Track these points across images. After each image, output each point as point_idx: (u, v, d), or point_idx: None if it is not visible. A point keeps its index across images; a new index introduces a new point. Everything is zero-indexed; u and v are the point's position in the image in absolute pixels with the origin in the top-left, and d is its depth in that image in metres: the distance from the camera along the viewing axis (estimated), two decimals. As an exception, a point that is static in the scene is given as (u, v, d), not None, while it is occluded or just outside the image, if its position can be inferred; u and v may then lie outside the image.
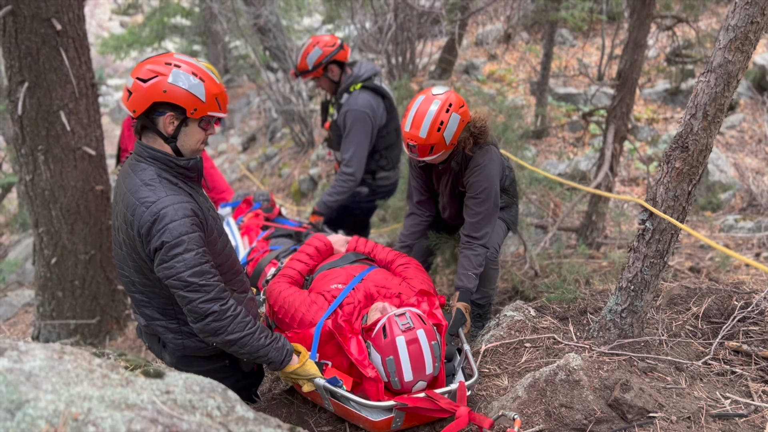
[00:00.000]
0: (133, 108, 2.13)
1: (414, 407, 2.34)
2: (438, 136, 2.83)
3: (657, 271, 2.49)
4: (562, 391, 2.21)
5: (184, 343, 2.41)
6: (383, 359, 2.41)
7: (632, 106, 4.07)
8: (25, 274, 8.63)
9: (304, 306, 2.69)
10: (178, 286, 2.13)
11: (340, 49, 3.89)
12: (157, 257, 2.12)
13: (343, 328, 2.54)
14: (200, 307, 2.15)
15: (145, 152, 2.20)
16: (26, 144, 3.96)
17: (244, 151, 14.17)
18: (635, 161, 7.52)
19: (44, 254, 4.31)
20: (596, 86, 9.09)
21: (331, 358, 2.59)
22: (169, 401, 1.16)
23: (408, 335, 2.38)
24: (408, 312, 2.48)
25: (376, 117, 3.88)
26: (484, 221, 3.08)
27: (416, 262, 3.18)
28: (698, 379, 2.36)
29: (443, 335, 2.68)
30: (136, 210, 2.12)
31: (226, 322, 2.20)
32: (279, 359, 2.37)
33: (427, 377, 2.43)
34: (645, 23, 3.82)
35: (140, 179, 2.17)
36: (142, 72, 2.12)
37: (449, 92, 2.92)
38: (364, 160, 3.89)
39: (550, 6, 7.61)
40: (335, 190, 3.94)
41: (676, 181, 2.30)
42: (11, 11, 3.59)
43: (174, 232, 2.09)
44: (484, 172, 3.01)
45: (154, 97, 2.11)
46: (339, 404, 2.48)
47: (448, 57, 10.89)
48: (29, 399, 1.03)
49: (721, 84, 2.09)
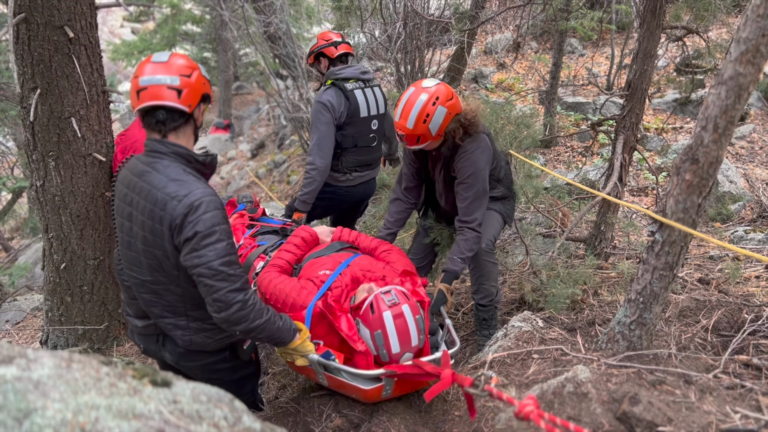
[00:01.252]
0: (188, 103, 2.23)
1: (402, 373, 2.53)
2: (424, 127, 3.00)
3: (666, 284, 2.47)
4: (570, 403, 2.19)
5: (192, 339, 2.48)
6: (372, 334, 2.60)
7: (642, 117, 4.05)
8: (34, 279, 8.68)
9: (295, 291, 2.85)
10: (207, 275, 2.18)
11: (331, 45, 4.25)
12: (187, 247, 2.17)
13: (333, 307, 2.72)
14: (227, 296, 2.22)
15: (168, 149, 2.26)
16: (37, 150, 3.98)
17: (253, 158, 14.23)
18: (644, 171, 7.49)
19: (54, 259, 4.33)
20: (605, 96, 9.06)
21: (322, 338, 2.76)
22: (176, 411, 1.16)
23: (394, 310, 2.59)
24: (393, 289, 2.70)
25: (335, 110, 4.02)
26: (473, 205, 3.20)
27: (398, 249, 3.37)
28: (708, 392, 2.33)
29: (426, 310, 2.88)
30: (168, 204, 2.16)
31: (248, 311, 2.28)
32: (289, 339, 2.53)
33: (413, 349, 2.63)
34: (655, 34, 3.81)
35: (166, 175, 2.22)
36: (176, 69, 2.21)
37: (439, 85, 3.06)
38: (326, 149, 4.03)
39: (559, 16, 7.60)
40: (303, 184, 4.13)
41: (686, 194, 2.28)
42: (24, 18, 3.62)
43: (207, 223, 2.16)
44: (471, 158, 3.14)
45: (203, 89, 2.29)
46: (332, 377, 2.67)
47: (457, 66, 10.90)
48: (37, 407, 1.03)
49: (732, 96, 2.08)
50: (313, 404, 2.91)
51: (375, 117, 4.27)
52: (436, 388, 2.38)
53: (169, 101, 2.20)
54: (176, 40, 17.73)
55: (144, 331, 2.59)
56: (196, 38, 18.45)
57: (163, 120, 2.24)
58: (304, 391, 3.23)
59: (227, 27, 13.63)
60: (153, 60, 2.27)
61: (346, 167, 4.27)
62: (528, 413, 1.90)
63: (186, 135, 2.34)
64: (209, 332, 2.49)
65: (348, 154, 4.23)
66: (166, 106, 2.21)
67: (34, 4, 3.60)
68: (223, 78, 17.33)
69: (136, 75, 2.24)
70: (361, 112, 4.16)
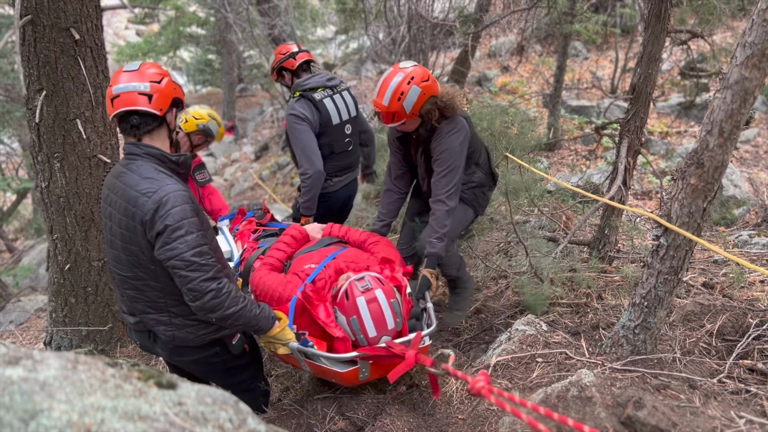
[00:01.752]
0: (159, 107, 2.37)
1: (373, 355, 2.63)
2: (398, 105, 3.14)
3: (671, 288, 2.47)
4: (574, 407, 2.19)
5: (174, 334, 2.55)
6: (348, 320, 2.70)
7: (646, 120, 4.04)
8: (38, 280, 8.70)
9: (281, 286, 2.96)
10: (180, 266, 2.29)
11: (290, 57, 4.33)
12: (159, 241, 2.28)
13: (311, 297, 2.80)
14: (200, 285, 2.32)
15: (141, 150, 2.40)
16: (43, 151, 4.00)
17: (256, 160, 14.24)
18: (648, 175, 7.48)
19: (58, 260, 4.34)
20: (609, 99, 9.06)
21: (306, 328, 2.84)
22: (181, 413, 1.16)
23: (367, 295, 2.69)
24: (367, 276, 2.79)
25: (311, 120, 4.08)
26: (444, 179, 3.29)
27: (386, 239, 3.52)
28: (712, 397, 2.33)
29: (404, 294, 2.97)
30: (138, 201, 2.29)
31: (222, 299, 2.37)
32: (267, 326, 2.64)
33: (390, 332, 2.72)
34: (660, 37, 3.80)
35: (138, 174, 2.35)
36: (147, 76, 2.37)
37: (416, 67, 3.20)
38: (313, 154, 4.07)
39: (563, 19, 7.60)
40: (302, 193, 4.20)
41: (691, 198, 2.28)
42: (31, 20, 3.64)
43: (176, 216, 2.27)
44: (447, 138, 3.26)
45: (173, 93, 2.43)
46: (313, 363, 2.76)
47: (461, 69, 10.91)
48: (43, 409, 1.03)
49: (737, 101, 2.08)
50: (316, 407, 2.91)
51: (347, 122, 4.33)
52: (400, 368, 2.52)
53: (141, 106, 2.34)
54: (181, 42, 17.78)
55: (136, 328, 2.68)
56: (201, 40, 18.50)
57: (137, 124, 2.38)
58: (308, 394, 3.23)
59: (232, 29, 13.67)
60: (125, 69, 2.41)
61: (327, 174, 4.31)
62: (479, 389, 2.04)
63: (160, 137, 2.46)
64: (192, 328, 2.55)
65: (327, 162, 4.26)
66: (138, 110, 2.35)
67: (41, 6, 3.61)
68: (227, 80, 17.36)
69: (111, 84, 2.39)
70: (333, 120, 4.22)
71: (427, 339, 2.93)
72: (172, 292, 2.46)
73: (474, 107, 5.36)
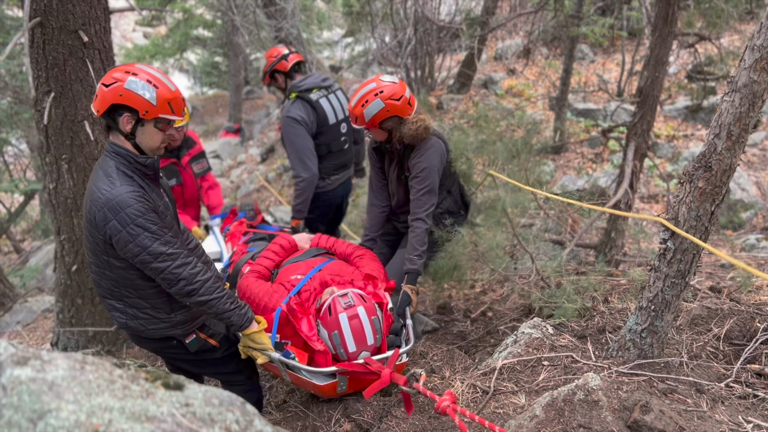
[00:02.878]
0: (96, 108, 2.43)
1: (351, 371, 2.71)
2: (360, 110, 3.32)
3: (678, 292, 2.46)
4: (580, 411, 2.18)
5: (127, 323, 2.66)
6: (329, 335, 2.78)
7: (653, 123, 4.03)
8: (45, 280, 8.73)
9: (267, 295, 3.04)
10: (148, 260, 2.41)
11: (281, 59, 4.41)
12: (121, 239, 2.38)
13: (296, 310, 2.91)
14: (172, 273, 2.45)
15: (111, 148, 2.49)
16: (51, 153, 4.02)
17: (262, 162, 14.27)
18: (655, 178, 7.45)
19: (65, 261, 4.36)
20: (616, 102, 9.03)
21: (289, 338, 2.94)
22: (188, 414, 1.16)
23: (349, 312, 2.77)
24: (350, 292, 2.87)
25: (307, 122, 4.15)
26: (423, 198, 3.42)
27: (371, 253, 3.60)
28: (720, 402, 2.31)
29: (385, 311, 3.07)
30: (93, 196, 2.41)
31: (197, 286, 2.50)
32: (239, 323, 2.70)
33: (370, 348, 2.82)
34: (667, 41, 3.79)
35: (102, 171, 2.46)
36: (106, 78, 2.42)
37: (392, 84, 3.33)
38: (308, 159, 4.16)
39: (570, 22, 7.59)
40: (294, 196, 4.31)
41: (699, 201, 2.27)
42: (40, 23, 3.66)
43: (130, 216, 2.37)
44: (425, 155, 3.39)
45: (112, 99, 2.40)
46: (293, 374, 2.83)
47: (467, 71, 10.91)
48: (51, 409, 1.04)
49: (746, 104, 2.07)
50: (322, 408, 2.91)
51: (342, 121, 4.42)
52: (375, 385, 2.60)
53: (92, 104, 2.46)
54: (188, 45, 17.85)
55: None
56: (208, 43, 18.58)
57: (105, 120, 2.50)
58: (313, 396, 3.23)
59: (238, 32, 13.72)
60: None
61: (325, 173, 4.42)
62: (444, 408, 2.14)
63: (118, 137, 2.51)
64: (143, 320, 2.65)
65: (324, 161, 4.37)
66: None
67: (50, 9, 3.63)
68: (234, 82, 17.41)
69: None
70: (330, 120, 4.30)
71: (404, 356, 2.98)
72: (125, 285, 2.57)
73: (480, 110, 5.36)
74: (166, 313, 2.67)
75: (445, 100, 10.64)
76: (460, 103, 10.65)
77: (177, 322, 2.71)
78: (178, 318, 2.70)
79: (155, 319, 2.65)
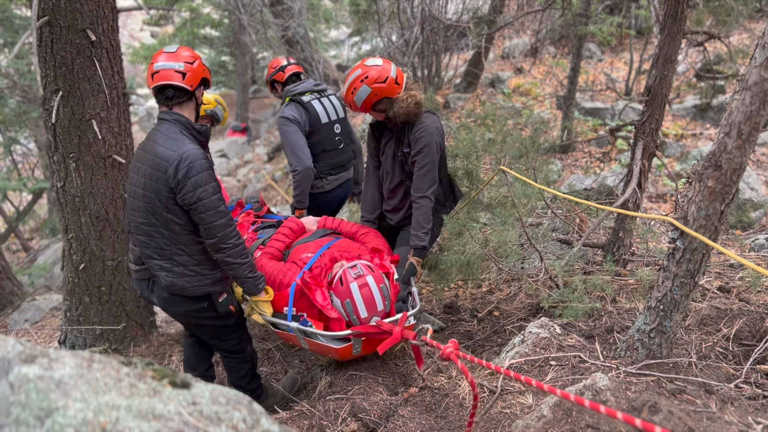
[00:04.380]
0: (190, 83, 2.86)
1: (365, 332, 3.00)
2: (351, 97, 3.50)
3: (687, 291, 2.44)
4: (588, 411, 2.17)
5: (173, 281, 2.95)
6: (342, 303, 3.05)
7: (661, 123, 4.00)
8: (53, 279, 8.78)
9: (281, 273, 3.29)
10: (201, 209, 2.76)
11: (279, 70, 4.74)
12: (183, 189, 2.72)
13: (309, 283, 3.17)
14: (218, 227, 2.82)
15: (171, 117, 2.87)
16: (58, 151, 4.03)
17: (269, 161, 14.28)
18: (663, 177, 7.42)
19: (73, 260, 4.37)
20: (624, 101, 8.99)
21: (305, 310, 3.20)
22: (195, 412, 1.16)
23: (359, 281, 3.03)
24: (359, 263, 3.14)
25: (299, 121, 4.40)
26: (427, 176, 3.54)
27: (375, 230, 3.87)
28: (729, 402, 2.29)
29: (392, 280, 3.33)
30: (164, 154, 2.74)
31: (229, 245, 2.88)
32: (251, 290, 3.13)
33: (380, 313, 3.09)
34: (676, 39, 3.76)
35: (165, 134, 2.82)
36: (182, 57, 2.86)
37: (375, 67, 3.45)
38: (301, 152, 4.34)
39: (578, 20, 7.56)
40: (293, 188, 4.49)
41: (708, 200, 2.25)
42: (48, 22, 3.67)
43: (197, 168, 2.72)
44: (426, 130, 3.49)
45: (202, 73, 2.94)
46: (311, 341, 3.13)
47: (474, 70, 10.89)
48: (58, 407, 1.04)
49: (756, 102, 2.05)
50: (329, 407, 2.91)
51: (336, 121, 4.64)
52: (388, 341, 2.89)
53: (175, 81, 2.83)
54: (195, 44, 17.87)
55: (138, 276, 3.12)
56: (215, 42, 18.60)
57: (171, 96, 2.87)
58: (320, 394, 3.23)
59: (245, 31, 13.73)
60: (165, 51, 2.90)
61: (321, 172, 4.59)
62: (448, 354, 2.37)
63: (188, 109, 2.95)
64: (188, 278, 2.96)
65: (320, 160, 4.56)
66: (173, 85, 2.84)
67: (58, 8, 3.65)
68: (241, 81, 17.44)
69: (152, 62, 2.88)
70: (322, 119, 4.53)
71: (411, 319, 3.25)
72: (178, 242, 2.89)
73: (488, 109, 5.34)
74: (210, 269, 3.01)
75: (452, 99, 10.62)
76: (467, 102, 10.63)
77: (217, 279, 3.06)
78: (218, 275, 3.06)
79: (200, 275, 2.98)
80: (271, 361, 4.31)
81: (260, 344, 4.57)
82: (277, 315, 3.27)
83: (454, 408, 2.80)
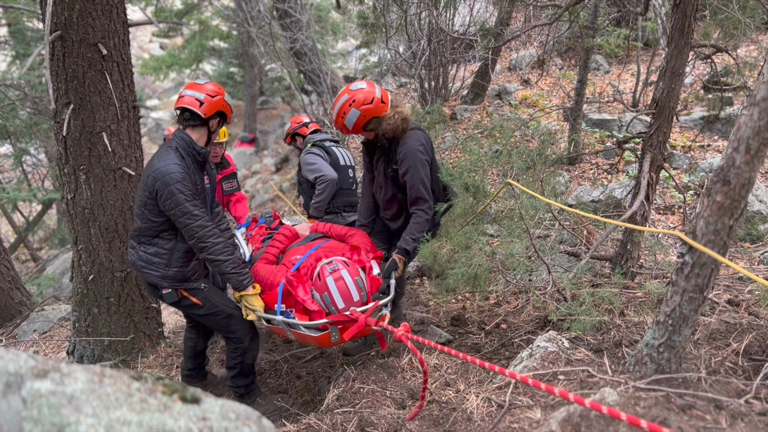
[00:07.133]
0: (204, 112, 3.34)
1: (335, 320, 3.27)
2: (341, 122, 3.73)
3: (696, 306, 2.43)
4: (597, 426, 2.16)
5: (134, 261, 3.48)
6: (321, 296, 3.36)
7: (669, 135, 4.00)
8: (61, 289, 8.82)
9: (272, 275, 3.58)
10: (179, 214, 3.21)
11: (303, 126, 5.57)
12: (163, 196, 3.18)
13: (292, 280, 3.47)
14: (193, 229, 3.26)
15: (179, 134, 3.37)
16: (69, 163, 4.07)
17: (277, 172, 14.34)
18: (671, 189, 7.39)
19: (82, 271, 4.40)
20: (631, 113, 8.98)
21: (293, 307, 3.47)
22: (205, 428, 1.16)
23: (335, 275, 3.34)
24: (335, 259, 3.49)
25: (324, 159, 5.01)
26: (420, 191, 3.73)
27: (362, 231, 4.15)
28: (739, 418, 2.28)
29: (369, 273, 3.62)
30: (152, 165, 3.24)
31: (207, 245, 3.31)
32: (236, 286, 3.48)
33: (357, 304, 3.36)
34: (683, 52, 3.77)
35: (163, 149, 3.31)
36: (205, 90, 3.37)
37: (361, 90, 3.68)
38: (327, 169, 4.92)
39: (585, 33, 7.58)
40: (316, 193, 4.95)
41: (717, 215, 2.25)
42: (60, 36, 3.72)
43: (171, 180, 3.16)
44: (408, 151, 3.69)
45: (221, 107, 3.43)
46: (296, 332, 3.41)
47: (480, 82, 10.91)
48: (70, 422, 1.04)
49: (765, 117, 2.05)
50: (336, 420, 2.90)
51: (351, 167, 5.24)
52: (353, 329, 3.21)
53: (192, 107, 3.33)
54: (203, 56, 18.02)
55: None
56: (223, 54, 18.74)
57: (188, 118, 3.38)
58: (327, 407, 3.22)
59: (254, 43, 13.84)
60: (196, 81, 3.44)
61: (337, 207, 5.07)
62: (400, 336, 2.73)
63: (198, 133, 3.42)
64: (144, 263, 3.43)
65: (337, 196, 5.05)
66: (190, 109, 3.34)
67: (70, 22, 3.70)
68: (249, 93, 17.54)
69: (184, 88, 3.42)
70: (340, 161, 5.14)
71: (384, 309, 3.49)
72: (146, 234, 3.40)
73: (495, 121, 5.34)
74: (163, 266, 3.42)
75: (459, 111, 10.64)
76: (474, 114, 10.65)
77: (165, 276, 3.44)
78: (168, 273, 3.44)
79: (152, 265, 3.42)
80: (278, 373, 4.31)
81: (267, 356, 4.57)
82: (269, 312, 3.50)
83: (462, 422, 2.78)
